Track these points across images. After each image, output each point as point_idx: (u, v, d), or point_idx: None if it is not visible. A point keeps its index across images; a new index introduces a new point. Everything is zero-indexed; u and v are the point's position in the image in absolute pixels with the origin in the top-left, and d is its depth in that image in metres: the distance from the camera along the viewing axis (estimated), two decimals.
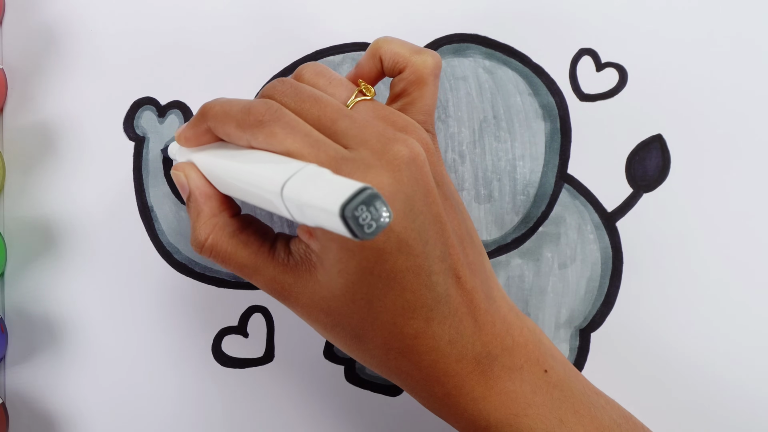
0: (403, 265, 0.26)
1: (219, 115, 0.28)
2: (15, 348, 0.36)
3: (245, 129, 0.27)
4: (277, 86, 0.28)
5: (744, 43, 0.38)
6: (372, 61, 0.31)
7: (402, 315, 0.27)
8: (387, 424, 0.37)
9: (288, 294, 0.28)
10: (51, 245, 0.36)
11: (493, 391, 0.27)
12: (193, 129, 0.30)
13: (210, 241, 0.29)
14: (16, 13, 0.37)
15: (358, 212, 0.20)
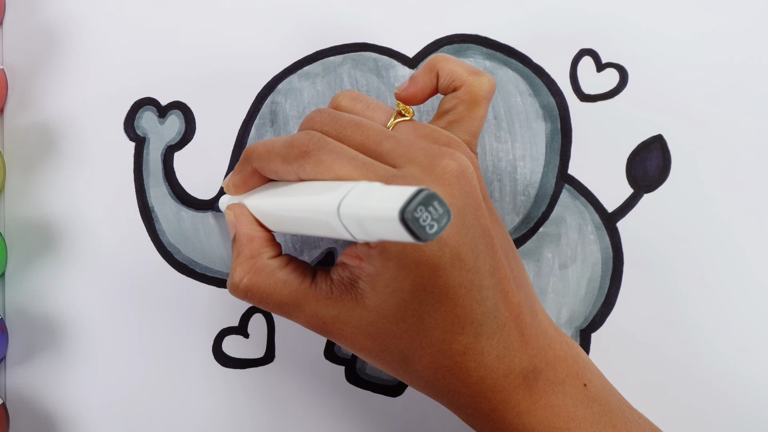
0: (456, 280, 0.26)
1: (263, 154, 0.28)
2: (15, 348, 0.36)
3: (291, 162, 0.27)
4: (316, 117, 0.29)
5: (744, 43, 0.38)
6: (428, 76, 0.31)
7: (452, 331, 0.27)
8: (387, 424, 0.37)
9: (331, 327, 0.28)
10: (51, 245, 0.36)
11: (537, 405, 0.28)
12: (239, 174, 0.30)
13: (245, 282, 0.29)
14: (16, 13, 0.37)
15: (418, 213, 0.20)
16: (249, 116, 0.37)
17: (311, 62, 0.37)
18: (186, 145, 0.37)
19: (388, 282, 0.27)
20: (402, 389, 0.37)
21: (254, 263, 0.29)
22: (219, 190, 0.37)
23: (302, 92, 0.37)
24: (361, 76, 0.37)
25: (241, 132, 0.37)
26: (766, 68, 0.38)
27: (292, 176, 0.28)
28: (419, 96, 0.31)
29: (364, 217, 0.22)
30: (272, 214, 0.29)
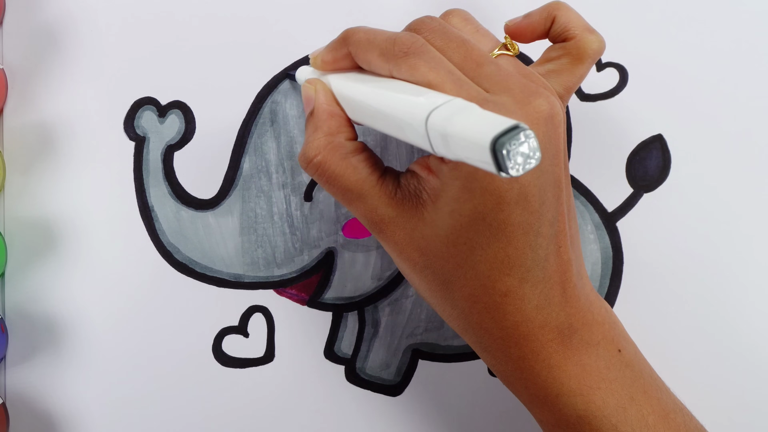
0: (516, 219, 0.26)
1: (362, 41, 0.28)
2: (15, 348, 0.36)
3: (389, 58, 0.27)
4: (426, 22, 0.28)
5: (744, 43, 0.38)
6: (543, 17, 0.31)
7: (499, 269, 0.27)
8: (387, 424, 0.37)
9: (386, 227, 0.28)
10: (51, 245, 0.36)
11: (570, 362, 0.28)
12: (332, 52, 0.30)
13: (320, 158, 0.28)
14: (17, 13, 0.37)
15: (510, 146, 0.20)
16: (249, 116, 0.37)
17: None
18: (186, 144, 0.37)
19: (449, 201, 0.26)
20: (402, 389, 0.37)
21: (331, 140, 0.28)
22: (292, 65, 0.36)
23: None
24: None
25: (241, 132, 0.37)
26: (766, 68, 0.38)
27: (384, 72, 0.27)
28: (527, 33, 0.31)
29: (453, 133, 0.22)
30: (357, 101, 0.28)
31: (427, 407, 0.37)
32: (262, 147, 0.37)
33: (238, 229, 0.36)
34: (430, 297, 0.29)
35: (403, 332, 0.37)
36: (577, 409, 0.28)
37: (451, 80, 0.26)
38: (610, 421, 0.27)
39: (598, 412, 0.27)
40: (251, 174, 0.36)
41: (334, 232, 0.37)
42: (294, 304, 0.37)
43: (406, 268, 0.29)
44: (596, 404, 0.27)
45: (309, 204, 0.37)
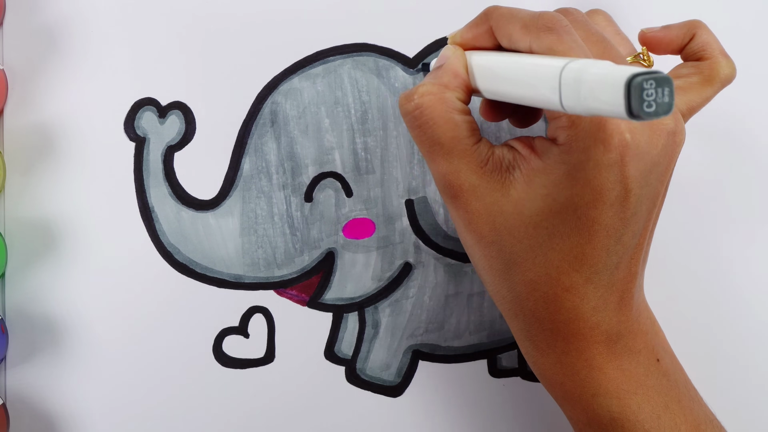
0: (606, 221, 0.26)
1: (505, 14, 0.28)
2: (15, 348, 0.36)
3: (530, 31, 0.26)
4: (572, 12, 0.28)
5: (744, 43, 0.38)
6: (683, 33, 0.31)
7: (570, 263, 0.27)
8: (387, 424, 0.37)
9: (463, 192, 0.28)
10: (51, 245, 0.36)
11: (611, 365, 0.28)
12: (472, 29, 0.29)
13: (423, 100, 0.28)
14: (16, 13, 0.37)
15: (646, 86, 0.20)
16: (249, 116, 0.37)
17: (311, 62, 0.37)
18: (186, 145, 0.37)
19: (547, 184, 0.26)
20: (402, 389, 0.37)
21: (443, 91, 0.28)
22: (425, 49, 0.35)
23: (302, 92, 0.37)
24: (361, 77, 0.37)
25: (241, 132, 0.37)
26: (765, 68, 0.38)
27: (523, 46, 0.27)
28: (662, 45, 0.31)
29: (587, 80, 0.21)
30: (490, 67, 0.28)
31: (427, 408, 0.37)
32: (262, 147, 0.37)
33: (239, 230, 0.36)
34: (487, 274, 0.29)
35: (403, 333, 0.37)
36: (612, 411, 0.28)
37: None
38: (643, 427, 0.28)
39: (632, 417, 0.28)
40: (251, 175, 0.36)
41: (334, 232, 0.37)
42: (294, 304, 0.37)
43: (470, 240, 0.29)
44: (631, 409, 0.28)
45: (309, 205, 0.37)
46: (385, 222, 0.37)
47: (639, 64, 0.30)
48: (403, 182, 0.37)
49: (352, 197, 0.37)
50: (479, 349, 0.37)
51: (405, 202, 0.37)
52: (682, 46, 0.31)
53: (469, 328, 0.37)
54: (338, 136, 0.37)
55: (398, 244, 0.37)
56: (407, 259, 0.37)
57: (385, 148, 0.37)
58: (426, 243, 0.37)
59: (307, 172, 0.37)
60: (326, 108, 0.37)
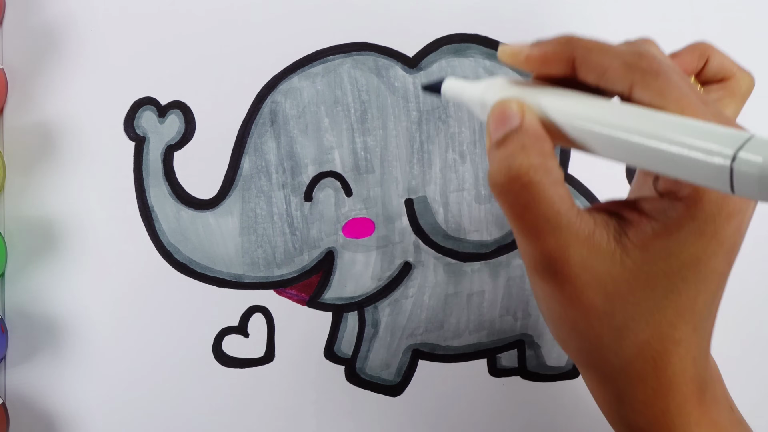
0: (722, 268, 0.25)
1: (595, 47, 0.25)
2: (15, 348, 0.36)
3: (634, 71, 0.24)
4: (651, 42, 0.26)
5: (743, 43, 0.38)
6: (696, 58, 0.30)
7: (682, 316, 0.25)
8: (387, 424, 0.37)
9: (570, 268, 0.25)
10: (51, 245, 0.36)
11: (705, 419, 0.27)
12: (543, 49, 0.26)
13: (531, 177, 0.24)
14: (16, 13, 0.37)
15: None
16: (249, 116, 0.37)
17: (311, 62, 0.37)
18: (186, 144, 0.37)
19: (668, 245, 0.25)
20: (402, 389, 0.37)
21: (546, 162, 0.25)
22: (429, 86, 0.29)
23: (302, 92, 0.37)
24: (361, 76, 0.37)
25: (241, 131, 0.37)
26: (765, 67, 0.38)
27: (622, 87, 0.24)
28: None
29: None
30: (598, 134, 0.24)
31: (427, 407, 0.37)
32: (261, 147, 0.37)
33: (238, 229, 0.36)
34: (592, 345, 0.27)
35: (403, 332, 0.37)
36: None
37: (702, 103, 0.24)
38: None
39: None
40: (251, 174, 0.36)
41: (334, 232, 0.37)
42: (294, 304, 0.37)
43: (573, 316, 0.26)
44: None
45: (309, 204, 0.37)
46: (384, 221, 0.37)
47: None
48: (402, 182, 0.37)
49: (351, 197, 0.37)
50: (479, 349, 0.37)
51: (405, 201, 0.37)
52: (697, 71, 0.30)
53: (469, 328, 0.37)
54: (338, 135, 0.37)
55: (398, 244, 0.37)
56: (407, 259, 0.37)
57: (384, 148, 0.37)
58: (426, 242, 0.37)
59: (306, 172, 0.37)
60: (326, 107, 0.37)
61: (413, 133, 0.37)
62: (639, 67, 0.24)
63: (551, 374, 0.37)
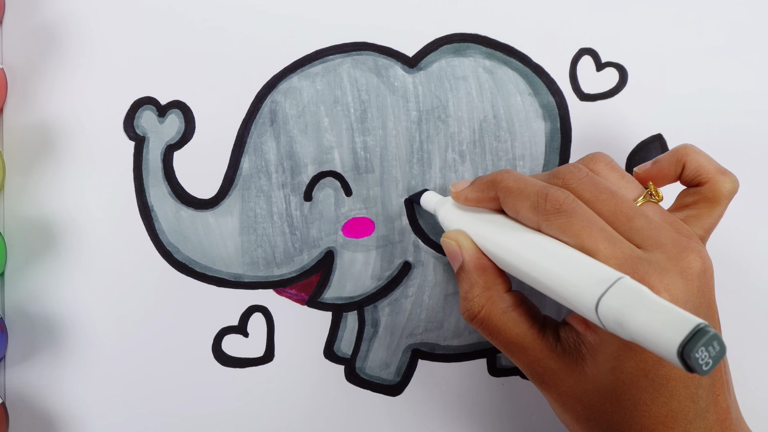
0: (678, 373, 0.26)
1: (513, 189, 0.29)
2: (15, 348, 0.36)
3: (539, 213, 0.28)
4: (574, 172, 0.29)
5: (743, 43, 0.38)
6: (674, 165, 0.31)
7: (663, 423, 0.26)
8: (387, 424, 0.37)
9: (548, 379, 0.28)
10: (51, 245, 0.36)
11: None
12: (477, 192, 0.31)
13: (483, 313, 0.29)
14: (16, 13, 0.37)
15: (698, 354, 0.21)
16: (249, 115, 0.37)
17: (311, 62, 0.37)
18: (186, 144, 0.37)
19: (609, 358, 0.27)
20: (402, 389, 0.37)
21: (491, 296, 0.29)
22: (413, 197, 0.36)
23: (302, 92, 0.37)
24: (360, 76, 0.37)
25: (240, 131, 0.37)
26: (765, 68, 0.38)
27: (532, 224, 0.28)
28: (658, 179, 0.31)
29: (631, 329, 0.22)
30: (509, 263, 0.29)
31: (426, 407, 0.37)
32: (261, 147, 0.37)
33: (238, 229, 0.36)
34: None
35: (402, 332, 0.37)
36: None
37: (604, 239, 0.26)
38: None
39: None
40: (251, 174, 0.36)
41: (333, 231, 0.37)
42: (294, 303, 0.37)
43: (568, 419, 0.29)
44: None
45: (309, 204, 0.37)
46: (384, 221, 0.37)
47: (650, 202, 0.30)
48: (402, 181, 0.37)
49: (351, 196, 0.37)
50: (478, 348, 0.37)
51: (404, 201, 0.37)
52: (677, 175, 0.32)
53: (469, 327, 0.37)
54: (338, 135, 0.37)
55: (397, 243, 0.37)
56: (406, 258, 0.37)
57: (384, 147, 0.37)
58: (425, 242, 0.37)
59: (306, 171, 0.37)
60: (325, 107, 0.37)
61: (413, 132, 0.37)
62: (543, 209, 0.27)
63: None
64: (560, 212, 0.27)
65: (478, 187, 0.31)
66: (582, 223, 0.26)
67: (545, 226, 0.27)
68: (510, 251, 0.28)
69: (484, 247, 0.30)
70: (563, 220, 0.27)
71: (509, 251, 0.28)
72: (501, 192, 0.29)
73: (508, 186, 0.29)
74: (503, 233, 0.29)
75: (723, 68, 0.38)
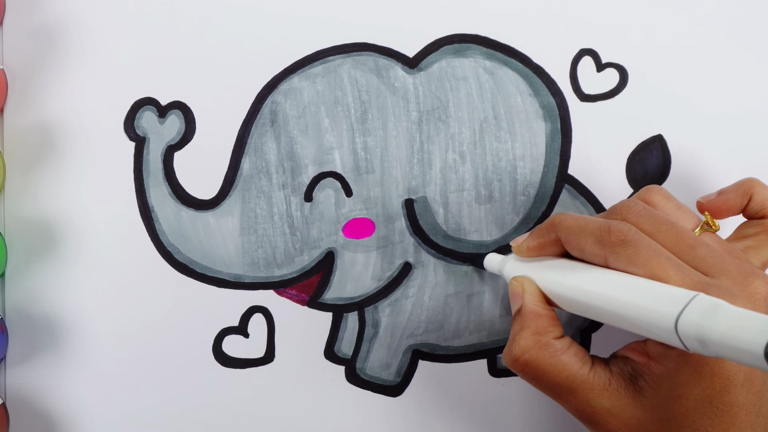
0: (741, 400, 0.26)
1: (573, 228, 0.29)
2: (15, 348, 0.36)
3: (605, 246, 0.28)
4: (632, 207, 0.29)
5: (743, 43, 0.38)
6: (740, 197, 0.32)
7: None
8: (387, 424, 0.37)
9: (599, 417, 0.28)
10: (51, 245, 0.36)
11: None
12: (538, 239, 0.31)
13: (526, 357, 0.29)
14: (16, 13, 0.37)
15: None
16: (249, 116, 0.37)
17: (311, 62, 0.37)
18: (186, 144, 0.37)
19: (675, 386, 0.27)
20: (402, 389, 0.37)
21: (539, 340, 0.29)
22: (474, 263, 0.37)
23: (302, 92, 0.37)
24: (361, 76, 0.37)
25: (241, 132, 0.37)
26: (765, 68, 0.38)
27: (599, 260, 0.28)
28: (722, 211, 0.32)
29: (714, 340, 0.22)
30: (578, 300, 0.29)
31: (427, 408, 0.37)
32: (262, 147, 0.37)
33: (239, 230, 0.36)
34: None
35: (403, 333, 0.37)
36: None
37: (673, 267, 0.26)
38: None
39: None
40: (251, 174, 0.36)
41: (334, 232, 0.37)
42: (294, 304, 0.37)
43: None
44: None
45: (309, 204, 0.37)
46: (384, 222, 0.37)
47: (707, 232, 0.30)
48: (402, 182, 0.37)
49: (351, 197, 0.37)
50: (479, 349, 0.37)
51: (404, 201, 0.37)
52: (742, 208, 0.32)
53: (469, 328, 0.37)
54: (338, 135, 0.37)
55: (398, 244, 0.37)
56: (407, 259, 0.37)
57: (384, 148, 0.37)
58: (425, 243, 0.37)
59: (306, 172, 0.37)
60: (326, 108, 0.37)
61: (413, 133, 0.37)
62: (608, 242, 0.28)
63: None
64: (626, 243, 0.27)
65: (538, 234, 0.31)
66: (649, 253, 0.27)
67: (612, 259, 0.28)
68: (579, 289, 0.28)
69: (551, 291, 0.30)
70: (630, 250, 0.27)
71: (579, 289, 0.28)
72: (562, 232, 0.30)
73: (569, 225, 0.29)
74: (570, 273, 0.29)
75: (723, 69, 0.38)
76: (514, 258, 0.33)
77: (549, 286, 0.30)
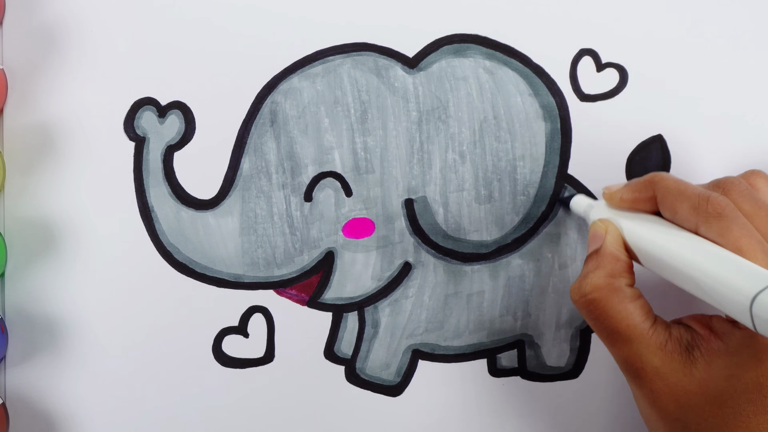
0: None
1: (673, 189, 0.29)
2: (15, 348, 0.36)
3: (700, 214, 0.28)
4: (736, 184, 0.29)
5: (744, 43, 0.38)
6: None
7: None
8: (387, 424, 0.37)
9: (645, 374, 0.28)
10: (51, 245, 0.36)
11: None
12: (633, 192, 0.31)
13: (595, 295, 0.29)
14: (16, 13, 0.37)
15: None
16: (249, 116, 0.37)
17: (311, 62, 0.37)
18: (186, 144, 0.37)
19: (730, 366, 0.27)
20: (402, 389, 0.37)
21: (611, 282, 0.29)
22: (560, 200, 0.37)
23: (302, 92, 0.37)
24: (360, 76, 0.37)
25: (241, 132, 0.37)
26: (765, 68, 0.38)
27: (689, 225, 0.28)
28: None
29: None
30: (660, 258, 0.29)
31: (427, 408, 0.37)
32: (261, 147, 0.37)
33: (238, 230, 0.36)
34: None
35: (403, 333, 0.37)
36: None
37: (762, 251, 0.26)
38: None
39: None
40: (251, 174, 0.36)
41: (334, 232, 0.37)
42: (294, 304, 0.37)
43: (654, 417, 0.29)
44: None
45: (309, 204, 0.37)
46: (384, 221, 0.37)
47: None
48: (402, 182, 0.37)
49: (351, 197, 0.37)
50: (479, 349, 0.37)
51: (404, 201, 0.37)
52: None
53: (469, 328, 0.37)
54: (338, 135, 0.37)
55: (398, 244, 0.37)
56: (407, 259, 0.37)
57: (384, 148, 0.37)
58: (425, 243, 0.37)
59: (306, 172, 0.37)
60: (326, 107, 0.37)
61: (413, 133, 0.37)
62: (704, 211, 0.28)
63: (551, 374, 0.37)
64: (722, 216, 0.27)
65: (634, 187, 0.31)
66: (741, 231, 0.27)
67: (704, 228, 0.28)
68: (664, 247, 0.29)
69: (635, 243, 0.30)
70: (724, 224, 0.27)
71: (663, 247, 0.29)
72: (660, 191, 0.30)
73: (668, 185, 0.29)
74: (658, 231, 0.29)
75: (724, 68, 0.38)
76: (603, 205, 0.33)
77: (633, 239, 0.30)
